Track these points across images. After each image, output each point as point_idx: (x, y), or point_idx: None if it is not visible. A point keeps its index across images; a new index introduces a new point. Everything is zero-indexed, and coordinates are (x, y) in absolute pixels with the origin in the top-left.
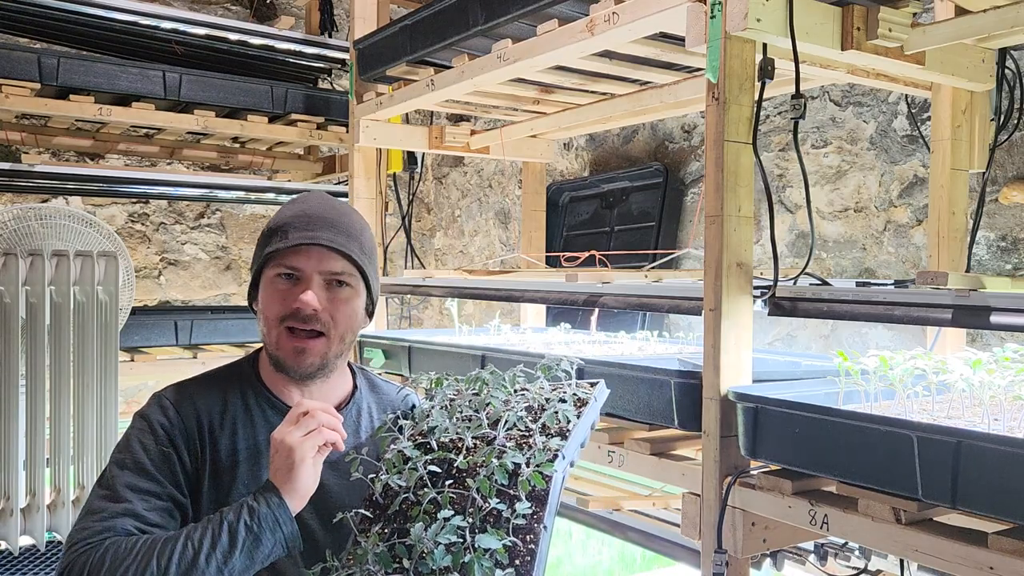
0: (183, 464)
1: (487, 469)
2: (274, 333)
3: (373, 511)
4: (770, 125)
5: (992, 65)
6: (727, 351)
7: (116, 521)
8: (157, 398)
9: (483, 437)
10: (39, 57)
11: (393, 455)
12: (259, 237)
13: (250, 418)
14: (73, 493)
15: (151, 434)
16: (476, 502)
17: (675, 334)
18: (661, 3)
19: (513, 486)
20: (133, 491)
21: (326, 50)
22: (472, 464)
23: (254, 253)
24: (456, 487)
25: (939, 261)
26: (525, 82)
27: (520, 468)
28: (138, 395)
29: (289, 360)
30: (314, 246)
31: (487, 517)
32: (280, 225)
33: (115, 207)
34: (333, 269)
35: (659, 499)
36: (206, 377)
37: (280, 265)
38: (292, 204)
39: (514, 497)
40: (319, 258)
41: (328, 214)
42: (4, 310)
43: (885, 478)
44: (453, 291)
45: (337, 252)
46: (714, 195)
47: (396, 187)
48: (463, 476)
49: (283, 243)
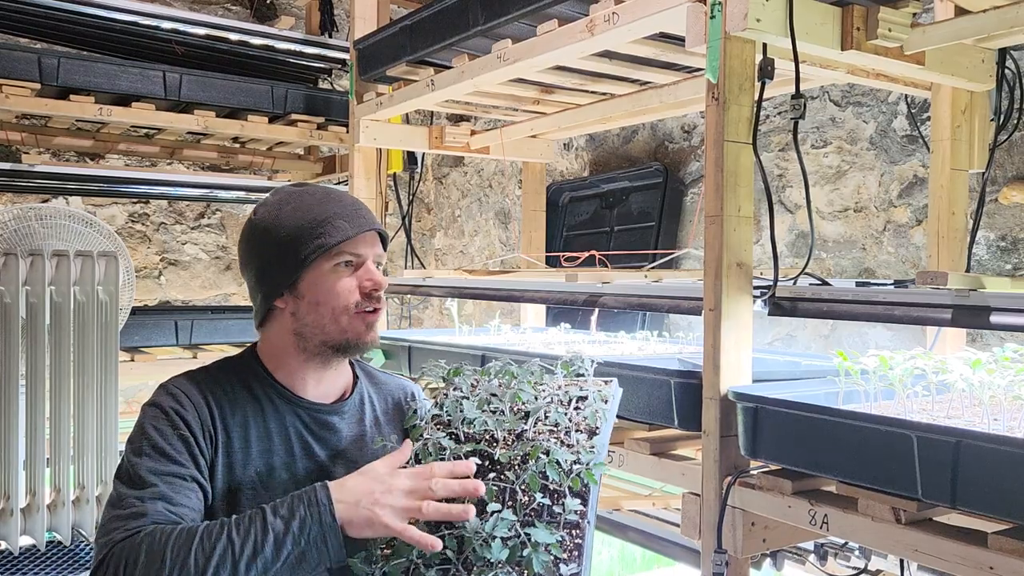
0: (200, 448)
1: (537, 464)
2: (344, 319)
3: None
4: (770, 125)
5: (992, 65)
6: (727, 351)
7: (147, 506)
8: (165, 387)
9: (511, 430)
10: (39, 57)
11: (428, 446)
12: (284, 235)
13: (259, 407)
14: (73, 493)
15: (166, 419)
16: (518, 496)
17: (675, 334)
18: (661, 3)
19: (554, 481)
20: (156, 475)
21: (326, 50)
22: (511, 458)
23: (282, 250)
24: (497, 480)
25: (939, 261)
26: (525, 82)
27: (571, 465)
28: (138, 395)
29: (364, 338)
30: (370, 232)
31: (531, 512)
32: (327, 217)
33: (115, 207)
34: (380, 251)
35: (659, 499)
36: (210, 368)
37: (344, 253)
38: (313, 197)
39: (555, 492)
40: (371, 242)
41: (356, 203)
42: (4, 310)
43: (885, 478)
44: (453, 291)
45: (380, 236)
46: (714, 195)
47: (396, 187)
48: (502, 469)
49: (346, 232)
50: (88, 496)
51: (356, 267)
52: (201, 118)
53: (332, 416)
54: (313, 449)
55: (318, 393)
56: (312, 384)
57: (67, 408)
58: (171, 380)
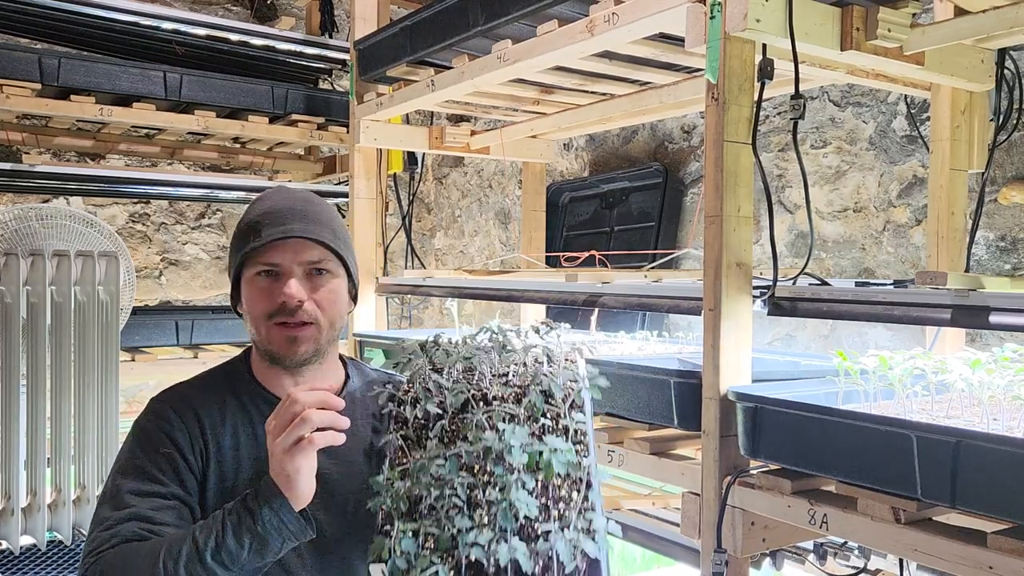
0: (188, 463)
1: (537, 386)
2: (263, 329)
3: (406, 441)
4: (770, 125)
5: (991, 65)
6: (726, 351)
7: (121, 527)
8: (152, 403)
9: (496, 374)
10: (40, 57)
11: (427, 386)
12: (232, 240)
13: (247, 417)
14: (74, 493)
15: (149, 438)
16: (520, 419)
17: (675, 334)
18: (661, 3)
19: (554, 407)
20: (136, 495)
21: (326, 51)
22: (506, 394)
23: (229, 257)
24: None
25: (938, 261)
26: (525, 82)
27: (569, 384)
28: (139, 395)
29: (283, 351)
30: (288, 239)
31: (539, 429)
32: (250, 224)
33: (116, 207)
34: (311, 258)
35: (659, 498)
36: (199, 379)
37: (258, 263)
38: (257, 202)
39: (557, 416)
40: (295, 250)
41: (296, 205)
42: (5, 310)
43: (884, 478)
44: (453, 291)
45: (311, 241)
46: (714, 195)
47: (396, 187)
48: (500, 403)
49: (257, 241)
50: (89, 496)
51: (278, 276)
52: (201, 118)
53: None
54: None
55: None
56: (290, 386)
57: (68, 408)
58: (160, 395)
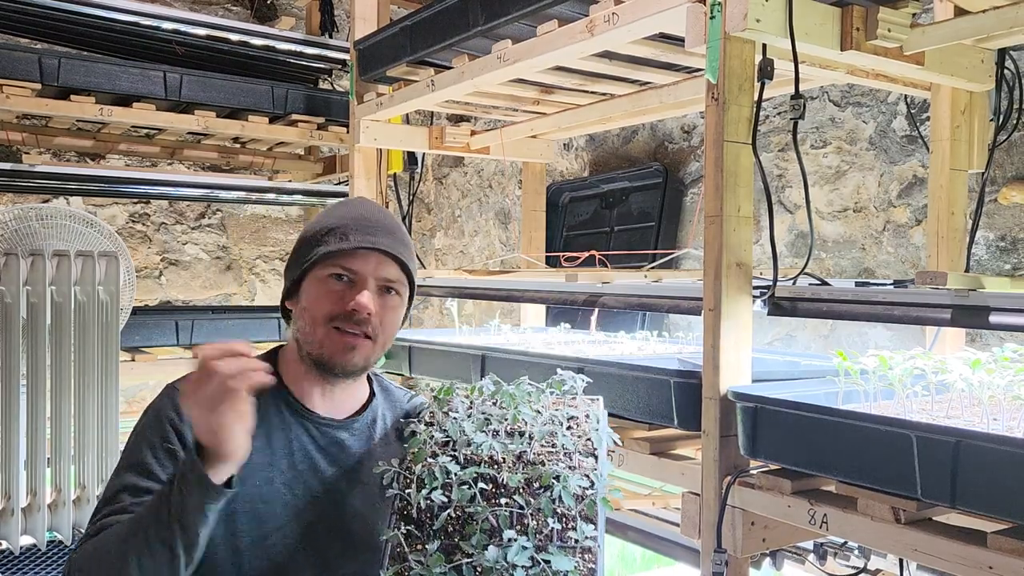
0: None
1: (552, 491)
2: (320, 331)
3: (407, 527)
4: (770, 125)
5: (991, 65)
6: (726, 351)
7: (107, 521)
8: (169, 389)
9: (512, 451)
10: (40, 57)
11: (432, 469)
12: (304, 236)
13: (267, 419)
14: (74, 493)
15: (158, 430)
16: (528, 521)
17: (675, 334)
18: (661, 3)
19: (567, 507)
20: (130, 492)
21: (326, 50)
22: (520, 483)
23: (298, 251)
24: (499, 503)
25: (938, 261)
26: (525, 82)
27: (584, 491)
28: (139, 395)
29: (337, 357)
30: (373, 251)
31: (543, 537)
32: (337, 226)
33: (116, 207)
34: (389, 276)
35: (659, 498)
36: None
37: (336, 265)
38: (344, 206)
39: (563, 516)
40: (377, 263)
41: (385, 221)
42: (5, 310)
43: (884, 478)
44: (453, 291)
45: (394, 259)
46: (714, 195)
47: (396, 187)
48: (510, 493)
49: (345, 243)
50: (89, 496)
51: (352, 284)
52: (201, 118)
53: (342, 432)
54: (319, 466)
55: (327, 407)
56: (318, 396)
57: (68, 408)
58: (178, 382)
